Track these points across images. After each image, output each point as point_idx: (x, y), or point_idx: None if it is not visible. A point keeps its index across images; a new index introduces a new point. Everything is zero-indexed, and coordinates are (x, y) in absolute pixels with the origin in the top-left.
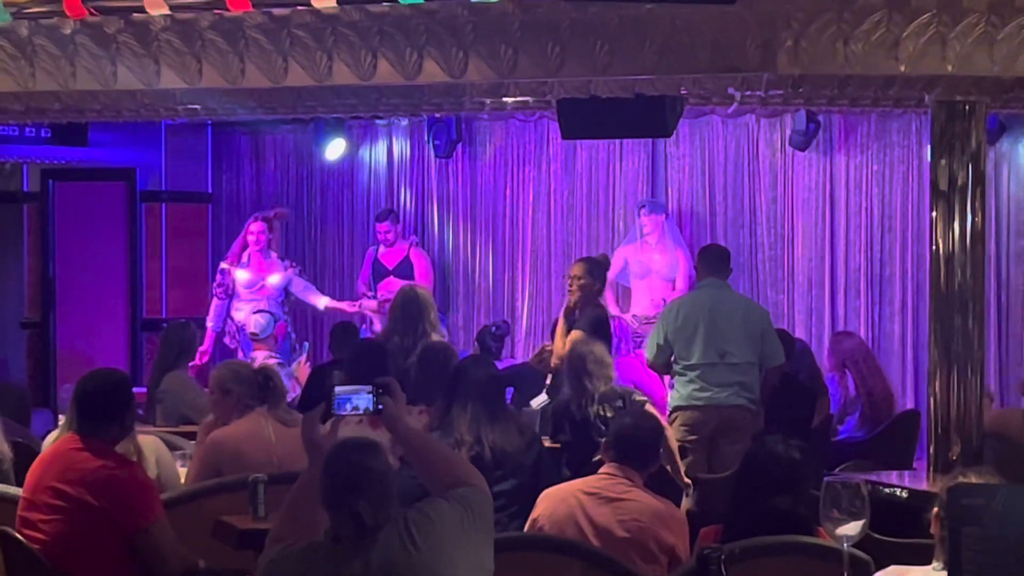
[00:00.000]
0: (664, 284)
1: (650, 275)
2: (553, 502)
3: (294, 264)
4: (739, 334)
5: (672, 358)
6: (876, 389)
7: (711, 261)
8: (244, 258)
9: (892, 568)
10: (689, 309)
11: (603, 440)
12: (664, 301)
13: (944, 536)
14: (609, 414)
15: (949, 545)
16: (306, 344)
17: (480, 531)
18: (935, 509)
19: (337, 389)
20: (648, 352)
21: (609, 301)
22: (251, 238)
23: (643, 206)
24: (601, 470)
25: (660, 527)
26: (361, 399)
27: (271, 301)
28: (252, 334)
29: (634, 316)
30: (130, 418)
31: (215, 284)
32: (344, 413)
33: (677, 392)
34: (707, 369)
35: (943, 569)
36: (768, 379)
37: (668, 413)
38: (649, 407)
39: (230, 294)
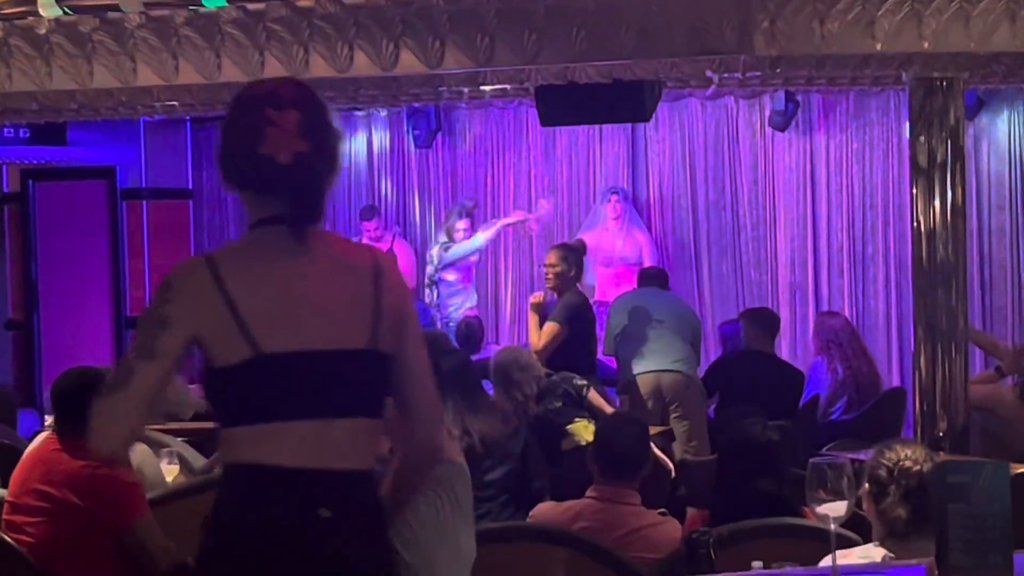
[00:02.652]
0: (629, 270)
1: (614, 263)
2: None
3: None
4: (673, 310)
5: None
6: (862, 371)
7: (651, 276)
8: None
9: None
10: (626, 298)
11: (566, 428)
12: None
13: (879, 511)
14: (558, 404)
15: (937, 522)
16: None
17: (458, 512)
18: (865, 485)
19: None
20: (606, 347)
21: None
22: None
23: (616, 192)
24: (590, 492)
25: (665, 550)
26: None
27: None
28: None
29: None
30: None
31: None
32: None
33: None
34: (643, 337)
35: (880, 545)
36: (755, 363)
37: (617, 391)
38: (592, 393)
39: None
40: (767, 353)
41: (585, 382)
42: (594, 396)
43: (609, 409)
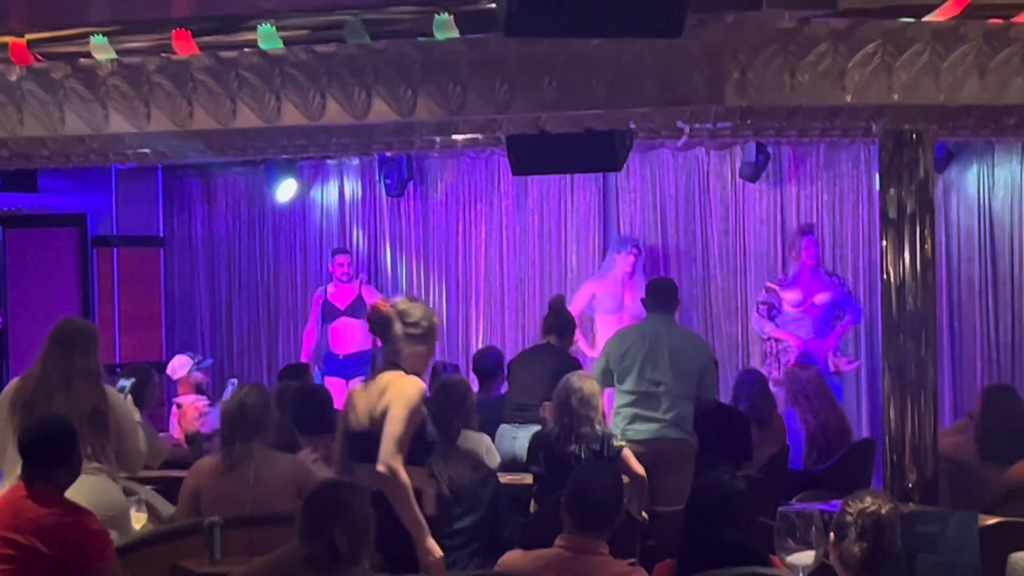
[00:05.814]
0: (634, 320)
1: (622, 310)
2: None
3: (845, 281)
4: (677, 367)
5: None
6: (830, 423)
7: (659, 295)
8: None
9: None
10: (633, 338)
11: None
12: None
13: (838, 555)
14: (584, 455)
15: (905, 572)
16: (233, 381)
17: None
18: (831, 535)
19: None
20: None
21: (578, 338)
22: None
23: (635, 244)
24: (559, 541)
25: None
26: None
27: (817, 322)
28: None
29: None
30: (76, 462)
31: (760, 303)
32: None
33: (614, 427)
34: (642, 398)
35: None
36: (700, 407)
37: None
38: (627, 453)
39: (774, 314)
40: (715, 400)
41: (623, 443)
42: (628, 456)
43: (640, 472)
